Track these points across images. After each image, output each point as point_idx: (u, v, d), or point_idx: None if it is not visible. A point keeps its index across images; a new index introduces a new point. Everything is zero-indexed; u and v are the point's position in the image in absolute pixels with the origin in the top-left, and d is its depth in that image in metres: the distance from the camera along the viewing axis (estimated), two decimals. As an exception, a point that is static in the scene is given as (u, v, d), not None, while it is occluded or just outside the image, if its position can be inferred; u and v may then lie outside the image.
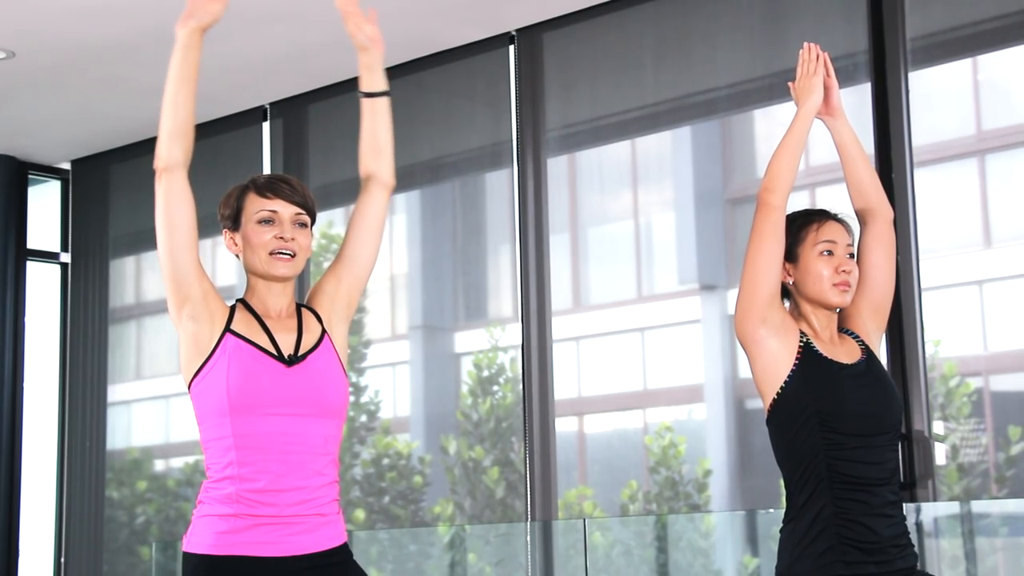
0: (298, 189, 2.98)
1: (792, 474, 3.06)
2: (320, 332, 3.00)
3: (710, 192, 5.34)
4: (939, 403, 4.55)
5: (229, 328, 2.90)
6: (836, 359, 3.10)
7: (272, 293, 2.99)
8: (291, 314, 3.01)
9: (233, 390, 2.83)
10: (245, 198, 2.98)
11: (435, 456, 5.68)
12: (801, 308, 3.19)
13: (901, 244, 4.59)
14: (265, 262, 2.94)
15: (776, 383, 3.07)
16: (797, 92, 3.22)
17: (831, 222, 3.17)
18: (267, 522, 2.82)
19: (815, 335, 3.15)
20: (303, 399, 2.87)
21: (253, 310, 2.98)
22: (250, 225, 2.95)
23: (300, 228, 2.97)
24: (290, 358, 2.91)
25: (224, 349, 2.88)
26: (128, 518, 6.59)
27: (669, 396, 5.35)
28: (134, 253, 6.94)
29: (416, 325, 6.04)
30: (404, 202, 6.18)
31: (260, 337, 2.92)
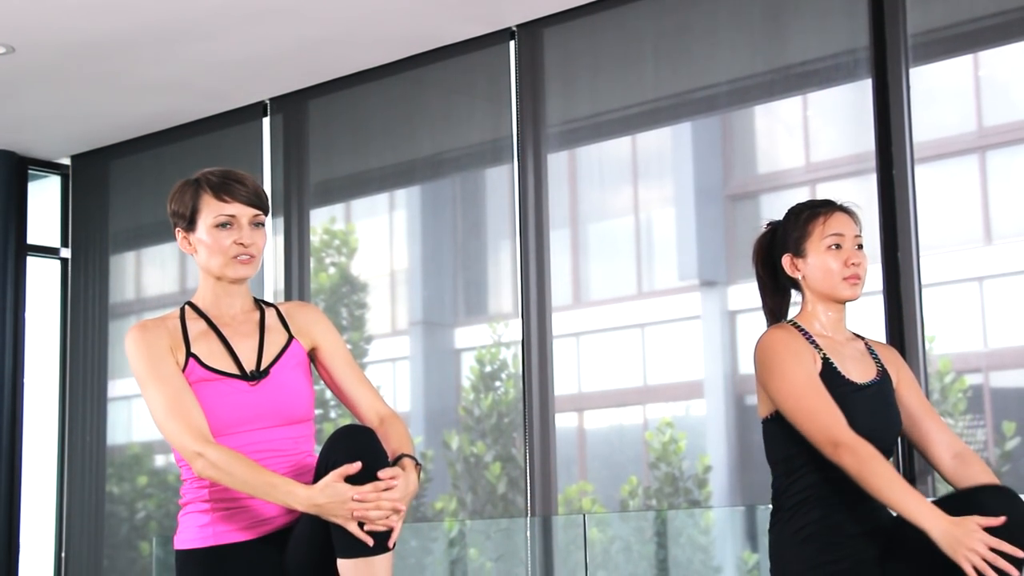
0: (252, 188, 2.97)
1: (784, 480, 3.06)
2: (286, 339, 3.00)
3: (710, 188, 5.34)
4: (935, 399, 4.55)
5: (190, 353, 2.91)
6: (851, 378, 3.07)
7: (228, 294, 2.99)
8: (250, 316, 3.01)
9: None
10: (200, 199, 2.96)
11: (437, 451, 5.69)
12: (810, 304, 3.16)
13: (901, 240, 4.59)
14: (225, 266, 2.94)
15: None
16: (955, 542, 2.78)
17: (838, 213, 3.14)
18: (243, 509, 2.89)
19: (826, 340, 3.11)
20: (268, 413, 2.90)
21: (205, 316, 2.97)
22: (207, 228, 2.94)
23: (257, 228, 2.97)
24: (252, 374, 2.91)
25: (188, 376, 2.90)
26: (128, 513, 6.60)
27: (669, 392, 5.35)
28: (134, 249, 6.94)
29: (416, 321, 6.04)
30: (404, 198, 6.18)
31: (219, 354, 2.92)
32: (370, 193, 6.27)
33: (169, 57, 5.69)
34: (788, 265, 3.15)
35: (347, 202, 6.32)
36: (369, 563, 2.74)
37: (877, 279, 4.59)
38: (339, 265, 6.20)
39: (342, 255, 6.20)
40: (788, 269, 3.15)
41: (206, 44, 5.56)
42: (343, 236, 6.19)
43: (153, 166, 6.68)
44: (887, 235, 4.60)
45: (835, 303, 3.13)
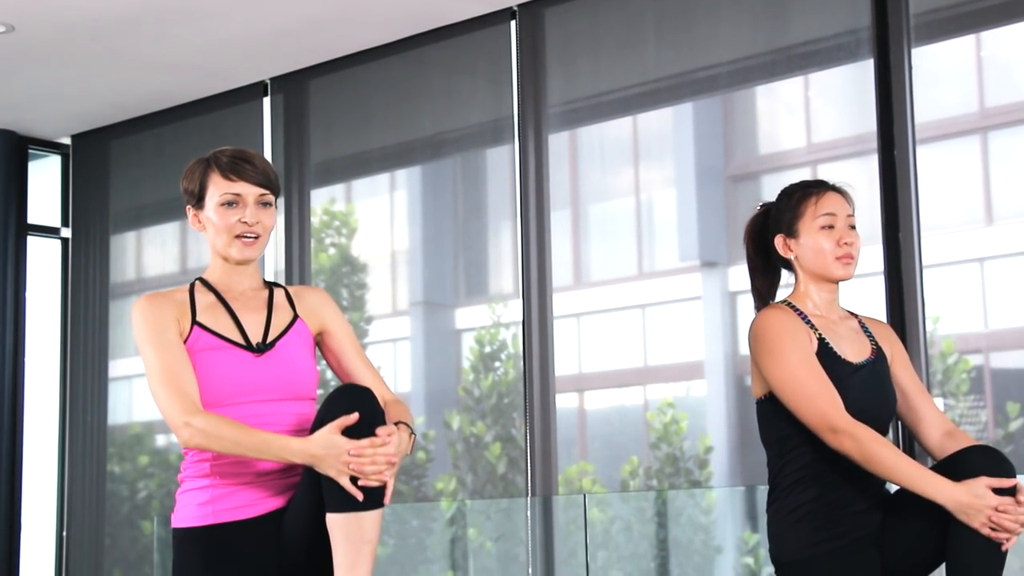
0: (260, 168, 2.97)
1: (779, 460, 3.07)
2: (292, 316, 3.01)
3: (711, 169, 5.33)
4: (938, 380, 4.56)
5: (196, 320, 2.93)
6: (847, 358, 3.08)
7: (236, 273, 3.01)
8: (258, 294, 3.02)
9: (202, 385, 2.88)
10: (208, 177, 2.97)
11: (437, 432, 5.70)
12: (803, 284, 3.16)
13: (903, 221, 4.59)
14: (229, 245, 2.96)
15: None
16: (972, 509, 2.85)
17: (830, 193, 3.13)
18: (244, 487, 2.89)
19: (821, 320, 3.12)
20: (273, 386, 2.91)
21: (215, 289, 2.99)
22: (214, 207, 2.95)
23: (264, 208, 2.98)
24: (258, 346, 2.93)
25: (192, 344, 2.91)
26: (130, 493, 6.61)
27: (670, 372, 5.35)
28: (135, 228, 6.94)
29: (417, 301, 6.04)
30: (405, 178, 6.17)
31: (226, 324, 2.94)
32: (371, 173, 6.27)
33: (170, 36, 5.68)
34: (781, 246, 3.15)
35: (348, 182, 6.31)
36: (358, 518, 2.75)
37: (878, 260, 4.59)
38: (339, 246, 6.20)
39: (342, 236, 6.20)
40: (781, 250, 3.15)
41: (207, 23, 5.55)
42: (343, 217, 6.19)
43: (154, 146, 6.68)
44: (888, 216, 4.60)
45: (828, 283, 3.13)
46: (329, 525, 2.77)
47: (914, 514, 2.95)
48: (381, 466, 2.74)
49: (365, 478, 2.74)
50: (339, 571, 2.76)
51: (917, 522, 2.95)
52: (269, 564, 2.88)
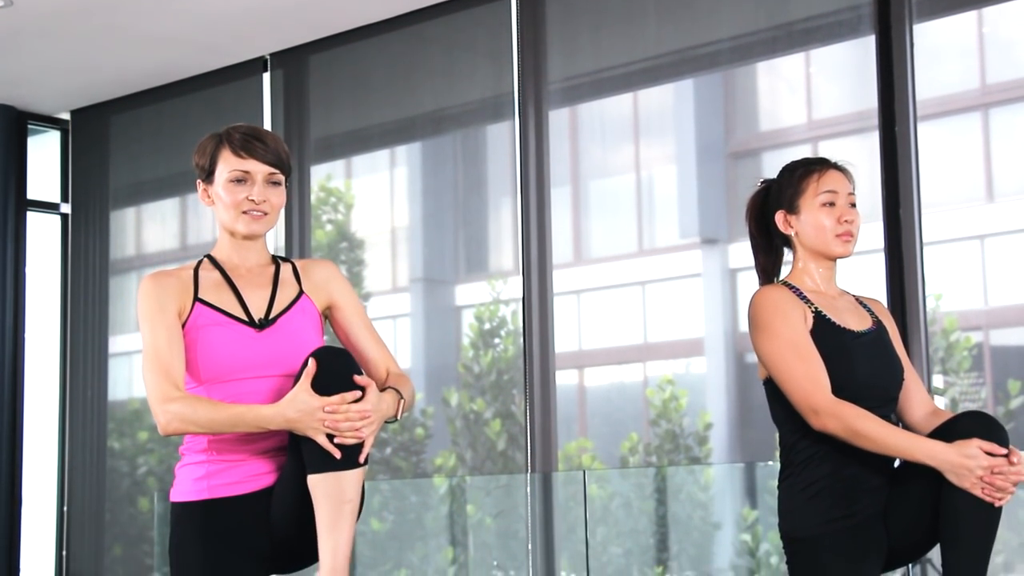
0: (272, 146, 2.97)
1: (791, 436, 3.07)
2: (297, 292, 3.01)
3: (712, 146, 5.33)
4: (939, 357, 4.56)
5: (198, 297, 2.93)
6: (847, 326, 3.09)
7: (243, 249, 3.01)
8: (264, 270, 3.02)
9: (203, 361, 2.89)
10: (220, 153, 2.97)
11: (436, 408, 5.71)
12: (801, 261, 3.17)
13: (903, 198, 4.59)
14: (236, 220, 2.96)
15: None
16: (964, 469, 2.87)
17: (832, 171, 3.14)
18: (240, 463, 2.90)
19: (819, 296, 3.13)
20: (273, 363, 2.91)
21: (221, 267, 2.99)
22: (223, 183, 2.96)
23: (273, 187, 2.98)
24: (260, 322, 2.93)
25: (194, 320, 2.91)
26: (129, 468, 6.63)
27: (670, 349, 5.36)
28: (134, 204, 6.94)
29: (417, 278, 6.04)
30: (405, 154, 6.17)
31: (228, 301, 2.94)
32: (371, 150, 6.26)
33: (169, 11, 5.66)
34: (781, 222, 3.16)
35: (348, 159, 6.31)
36: (338, 478, 2.75)
37: (879, 237, 4.59)
38: (336, 222, 6.20)
39: (338, 212, 6.20)
40: (781, 226, 3.16)
41: (206, -2, 5.54)
42: (339, 193, 6.18)
43: (153, 121, 6.67)
44: (889, 193, 4.59)
45: (827, 260, 3.14)
46: (310, 486, 2.77)
47: (913, 491, 2.96)
48: (356, 422, 2.74)
49: (341, 435, 2.74)
50: (321, 531, 2.77)
51: (916, 499, 2.96)
52: (263, 540, 2.90)
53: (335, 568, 2.76)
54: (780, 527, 3.08)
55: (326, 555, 2.77)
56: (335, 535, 2.76)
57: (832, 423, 2.94)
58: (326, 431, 2.74)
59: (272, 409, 2.77)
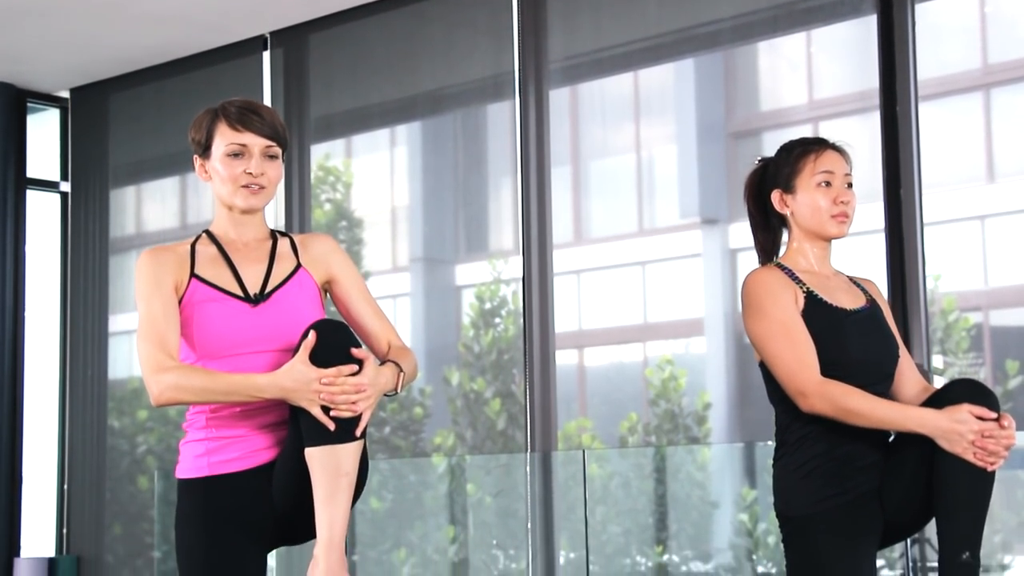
0: (268, 120, 2.96)
1: (786, 416, 3.08)
2: (295, 265, 3.01)
3: (712, 125, 5.33)
4: (938, 337, 4.57)
5: (194, 273, 2.93)
6: (840, 305, 3.10)
7: (241, 223, 3.00)
8: (262, 244, 3.02)
9: (199, 337, 2.90)
10: (216, 127, 2.96)
11: (436, 388, 5.73)
12: (798, 241, 3.18)
13: (904, 178, 4.60)
14: (234, 194, 2.95)
15: None
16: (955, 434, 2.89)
17: (829, 151, 3.14)
18: (237, 440, 2.91)
19: (812, 276, 3.14)
20: (269, 337, 2.90)
21: (218, 242, 3.00)
22: (220, 157, 2.95)
23: (270, 160, 2.97)
24: (255, 296, 2.93)
25: (190, 296, 2.91)
26: (129, 447, 6.65)
27: (669, 329, 5.37)
28: (134, 183, 6.94)
29: (417, 257, 6.05)
30: (405, 134, 6.17)
31: (224, 276, 2.94)
32: (371, 129, 6.26)
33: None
34: (777, 201, 3.16)
35: (348, 138, 6.30)
36: (334, 451, 2.75)
37: (879, 217, 4.60)
38: (334, 201, 6.20)
39: (337, 191, 6.20)
40: (777, 205, 3.16)
41: (205, -24, 5.53)
42: (337, 173, 6.19)
43: (153, 100, 6.67)
44: (890, 172, 4.60)
45: (822, 240, 3.14)
46: (307, 459, 2.77)
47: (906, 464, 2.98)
48: (351, 395, 2.75)
49: (336, 408, 2.75)
50: (318, 504, 2.77)
51: (909, 472, 2.97)
52: (264, 515, 2.91)
53: (331, 540, 2.76)
54: (775, 506, 3.09)
55: (323, 528, 2.77)
56: (331, 508, 2.76)
57: (820, 404, 2.95)
58: (321, 403, 2.74)
59: (267, 378, 2.77)
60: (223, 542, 2.88)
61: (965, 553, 2.88)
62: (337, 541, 2.77)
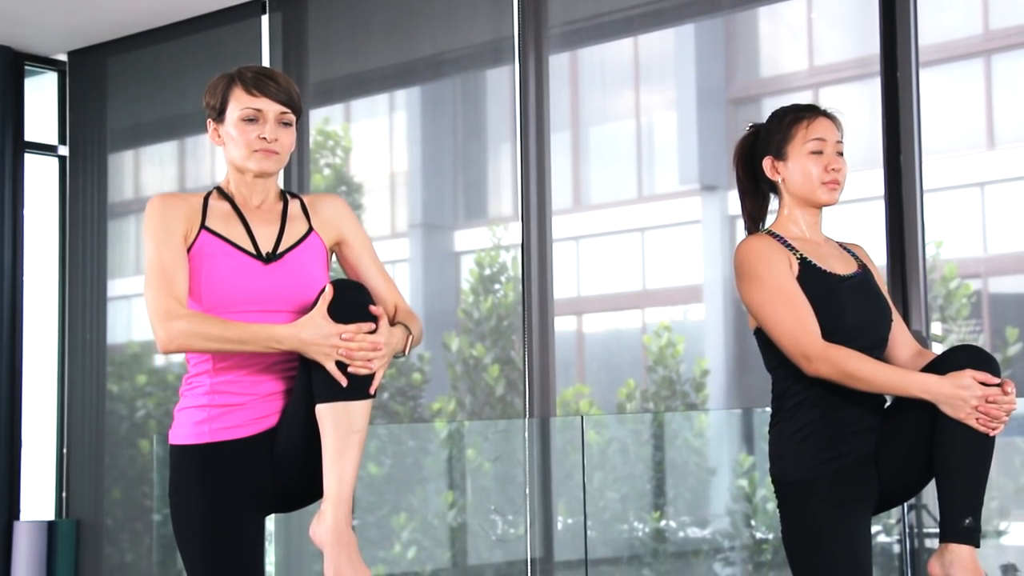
0: (284, 86, 2.98)
1: (783, 382, 3.11)
2: (307, 228, 3.03)
3: (713, 91, 5.32)
4: (938, 304, 4.59)
5: (204, 225, 2.94)
6: (833, 271, 3.11)
7: (252, 187, 3.01)
8: (274, 206, 3.03)
9: (206, 290, 2.89)
10: (231, 92, 2.97)
11: (435, 354, 5.74)
12: (788, 208, 3.20)
13: (904, 144, 4.60)
14: (247, 158, 2.96)
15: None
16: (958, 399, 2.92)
17: (821, 118, 3.15)
18: (239, 408, 2.92)
19: (803, 243, 3.16)
20: (279, 297, 2.91)
21: (231, 199, 3.01)
22: (234, 122, 2.96)
23: (284, 127, 2.98)
24: (268, 256, 2.95)
25: (199, 248, 2.92)
26: (128, 411, 6.67)
27: (668, 296, 5.38)
28: (133, 147, 6.93)
29: (416, 223, 6.05)
30: (404, 99, 6.15)
31: (237, 232, 2.95)
32: (370, 94, 6.24)
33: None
34: (768, 168, 3.17)
35: (346, 103, 6.29)
36: (347, 407, 2.78)
37: (879, 184, 4.60)
38: (333, 166, 6.20)
39: (336, 156, 6.20)
40: (768, 172, 3.18)
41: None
42: (336, 137, 6.18)
43: (151, 63, 6.66)
44: (890, 139, 4.59)
45: (812, 207, 3.16)
46: (319, 416, 2.79)
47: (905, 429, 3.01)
48: (368, 352, 2.78)
49: (353, 364, 2.77)
50: (327, 461, 2.79)
51: (908, 437, 3.00)
52: (264, 481, 2.92)
53: (340, 497, 2.78)
54: (771, 472, 3.12)
55: (331, 484, 2.79)
56: (341, 464, 2.78)
57: (824, 367, 2.97)
58: (338, 358, 2.77)
59: (287, 329, 2.79)
60: (222, 509, 2.89)
61: (968, 518, 2.92)
62: (346, 497, 2.78)
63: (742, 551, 5.01)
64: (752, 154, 3.24)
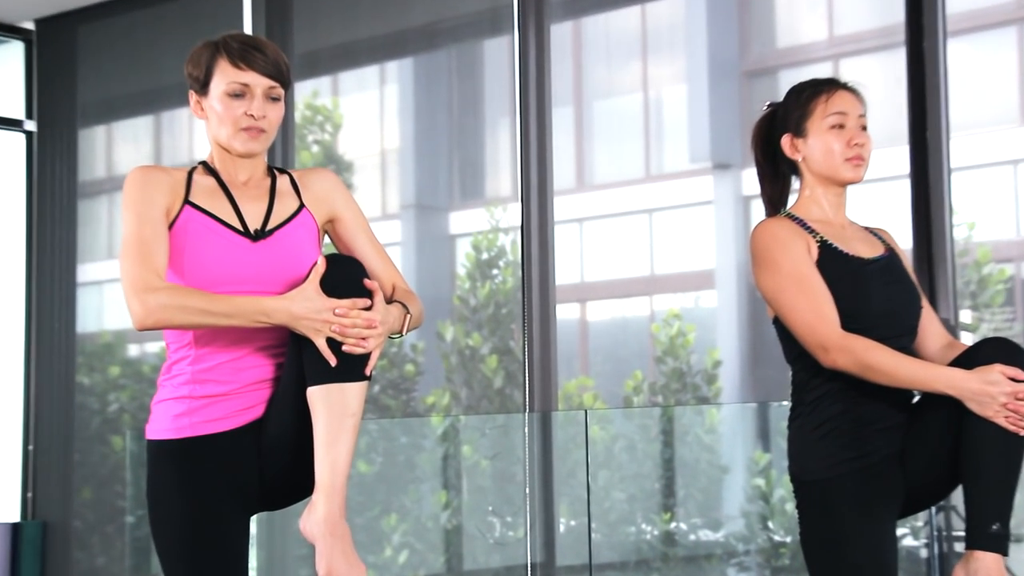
0: (272, 58, 2.94)
1: (803, 374, 3.09)
2: (297, 205, 3.00)
3: (726, 63, 5.34)
4: (970, 291, 4.58)
5: (188, 200, 2.90)
6: (857, 254, 3.10)
7: (238, 164, 2.98)
8: (261, 182, 3.00)
9: (189, 270, 2.85)
10: (216, 63, 2.93)
11: (429, 343, 5.75)
12: (810, 188, 3.18)
13: (930, 119, 4.58)
14: (233, 137, 2.93)
15: None
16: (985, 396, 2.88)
17: (841, 92, 3.13)
18: (223, 399, 2.88)
19: (825, 225, 3.14)
20: (267, 277, 2.87)
21: (217, 174, 2.97)
22: (219, 96, 2.92)
23: (272, 103, 2.95)
24: (256, 233, 2.91)
25: (182, 224, 2.88)
26: (100, 405, 6.67)
27: (678, 282, 5.41)
28: (105, 122, 6.93)
29: (408, 204, 6.06)
30: (396, 71, 6.15)
31: (223, 208, 2.91)
32: (359, 66, 6.25)
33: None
34: (788, 146, 3.16)
35: (334, 75, 6.29)
36: (341, 389, 2.75)
37: (903, 162, 4.60)
38: (323, 143, 6.20)
39: (326, 132, 6.20)
40: (787, 150, 3.16)
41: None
42: (327, 112, 6.17)
43: (125, 32, 6.63)
44: (915, 114, 4.60)
45: (836, 186, 3.15)
46: (310, 400, 2.75)
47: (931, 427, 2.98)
48: (363, 329, 2.74)
49: (346, 342, 2.74)
50: (319, 447, 2.75)
51: (934, 436, 2.98)
52: (250, 476, 2.89)
53: (334, 486, 2.74)
54: (789, 470, 3.10)
55: (324, 472, 2.75)
56: (334, 450, 2.74)
57: (843, 358, 2.95)
58: (330, 335, 2.73)
59: (276, 302, 2.75)
60: (205, 509, 2.85)
61: (995, 524, 2.88)
62: (339, 486, 2.74)
63: (758, 555, 5.02)
64: (770, 135, 3.24)
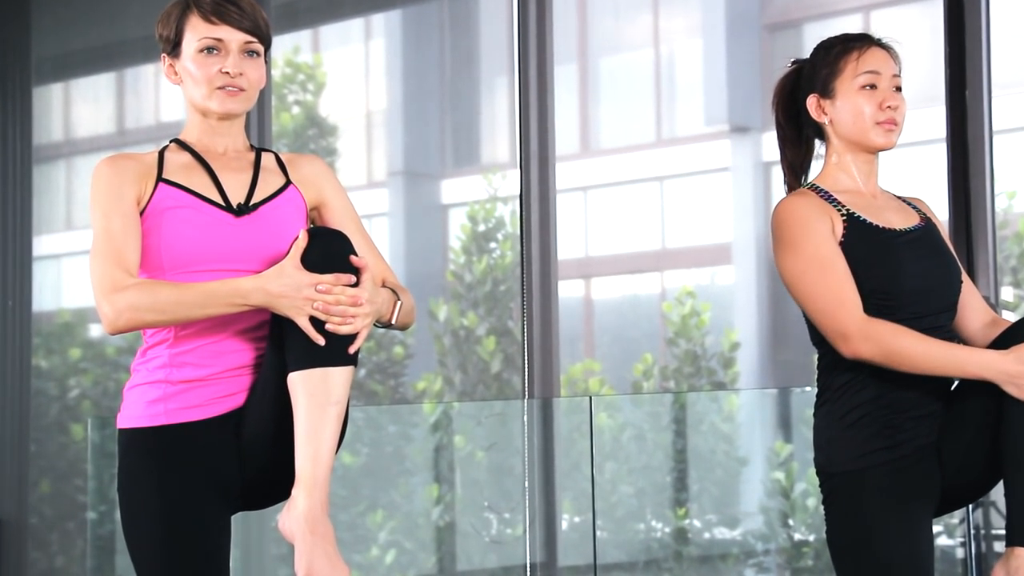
0: (248, 11, 2.96)
1: (829, 356, 3.09)
2: (284, 181, 3.03)
3: (744, 16, 5.34)
4: (1011, 266, 4.60)
5: (162, 178, 2.93)
6: (888, 226, 3.09)
7: (217, 132, 3.00)
8: (243, 155, 3.03)
9: (167, 248, 2.88)
10: (186, 20, 2.96)
11: (420, 323, 5.76)
12: (838, 155, 3.19)
13: (971, 78, 4.59)
14: (209, 97, 2.95)
15: None
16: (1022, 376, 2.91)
17: (874, 48, 3.12)
18: (200, 384, 2.91)
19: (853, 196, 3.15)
20: (252, 256, 2.90)
21: (192, 149, 3.00)
22: (192, 55, 2.95)
23: (250, 58, 2.97)
24: (239, 207, 2.94)
25: (157, 203, 2.91)
26: (59, 391, 6.67)
27: (691, 257, 5.40)
28: (62, 80, 6.92)
29: (396, 171, 6.06)
30: (383, 24, 6.15)
31: (201, 182, 2.94)
32: (342, 18, 6.24)
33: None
34: (814, 107, 3.15)
35: (314, 28, 6.28)
36: (324, 375, 2.75)
37: (940, 124, 4.60)
38: (304, 104, 6.20)
39: (307, 92, 6.20)
40: (813, 112, 3.15)
41: None
42: (308, 70, 6.18)
43: (83, -18, 6.64)
44: (954, 72, 4.60)
45: (866, 152, 3.14)
46: (291, 387, 2.76)
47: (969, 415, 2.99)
48: (348, 307, 2.75)
49: (330, 321, 2.74)
50: (299, 438, 2.75)
51: (972, 424, 2.98)
52: (231, 469, 2.91)
53: (315, 480, 2.74)
54: (815, 460, 3.11)
55: (304, 464, 2.75)
56: (317, 441, 2.75)
57: (865, 347, 2.96)
58: (312, 313, 2.75)
59: (252, 281, 2.76)
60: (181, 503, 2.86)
61: None
62: (322, 480, 2.75)
63: (778, 555, 5.04)
64: (794, 95, 3.22)
